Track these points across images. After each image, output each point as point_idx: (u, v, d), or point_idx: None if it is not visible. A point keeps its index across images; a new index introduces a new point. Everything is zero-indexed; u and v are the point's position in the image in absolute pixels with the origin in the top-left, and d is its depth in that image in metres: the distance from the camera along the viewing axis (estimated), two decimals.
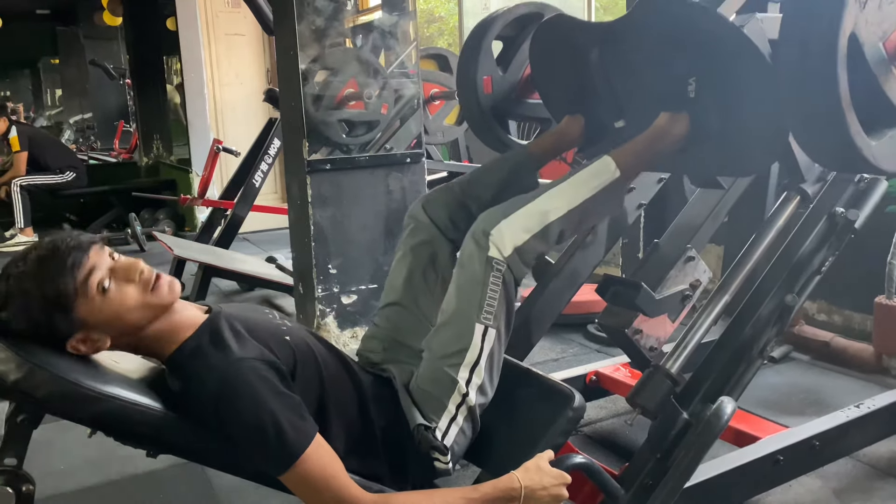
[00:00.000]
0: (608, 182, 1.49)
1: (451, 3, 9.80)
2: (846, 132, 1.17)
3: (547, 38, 1.80)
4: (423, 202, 1.68)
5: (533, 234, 1.41)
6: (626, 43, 1.61)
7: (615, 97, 1.70)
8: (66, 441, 2.29)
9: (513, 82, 2.18)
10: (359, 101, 2.91)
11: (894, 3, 1.21)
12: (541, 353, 2.94)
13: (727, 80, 1.43)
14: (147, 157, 7.64)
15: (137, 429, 1.22)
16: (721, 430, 1.43)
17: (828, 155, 1.32)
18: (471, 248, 1.42)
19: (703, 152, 1.56)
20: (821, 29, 1.15)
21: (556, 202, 1.45)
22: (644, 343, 1.78)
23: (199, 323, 1.30)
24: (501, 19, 2.13)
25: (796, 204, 1.58)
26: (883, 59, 1.22)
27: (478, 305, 1.38)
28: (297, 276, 3.14)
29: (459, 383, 1.38)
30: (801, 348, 2.82)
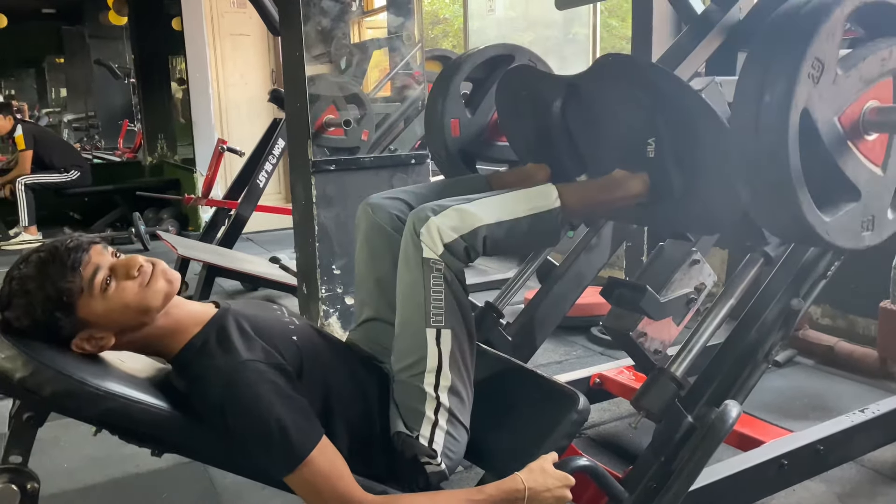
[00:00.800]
0: (544, 209, 1.44)
1: (455, 4, 9.81)
2: (798, 208, 1.15)
3: (513, 86, 1.79)
4: (369, 207, 1.60)
5: (460, 235, 1.35)
6: (588, 97, 1.60)
7: (577, 150, 1.69)
8: (70, 439, 2.30)
9: (482, 125, 2.15)
10: (338, 128, 2.88)
11: (850, 77, 1.19)
12: (544, 355, 2.93)
13: (686, 142, 1.41)
14: (151, 156, 7.66)
15: (142, 427, 1.22)
16: (726, 434, 1.42)
17: (781, 229, 1.30)
18: (406, 250, 1.38)
19: (665, 209, 1.54)
20: (772, 105, 1.12)
21: (488, 210, 1.39)
22: (648, 346, 1.77)
23: (205, 320, 1.30)
24: (470, 61, 2.11)
25: (760, 265, 1.56)
26: (838, 135, 1.20)
27: (423, 311, 1.35)
28: (300, 277, 3.14)
29: (428, 392, 1.36)
30: (805, 352, 2.82)
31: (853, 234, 1.26)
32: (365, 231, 1.60)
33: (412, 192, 1.65)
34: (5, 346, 1.15)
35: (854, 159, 1.23)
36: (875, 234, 1.29)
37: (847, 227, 1.24)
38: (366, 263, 1.60)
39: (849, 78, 1.19)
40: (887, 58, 1.24)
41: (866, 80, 1.22)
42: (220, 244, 4.61)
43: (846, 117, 1.21)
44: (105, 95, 10.80)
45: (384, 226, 1.56)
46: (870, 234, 1.28)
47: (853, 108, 1.21)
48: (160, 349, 1.30)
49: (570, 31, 5.44)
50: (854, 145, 1.23)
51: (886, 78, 1.25)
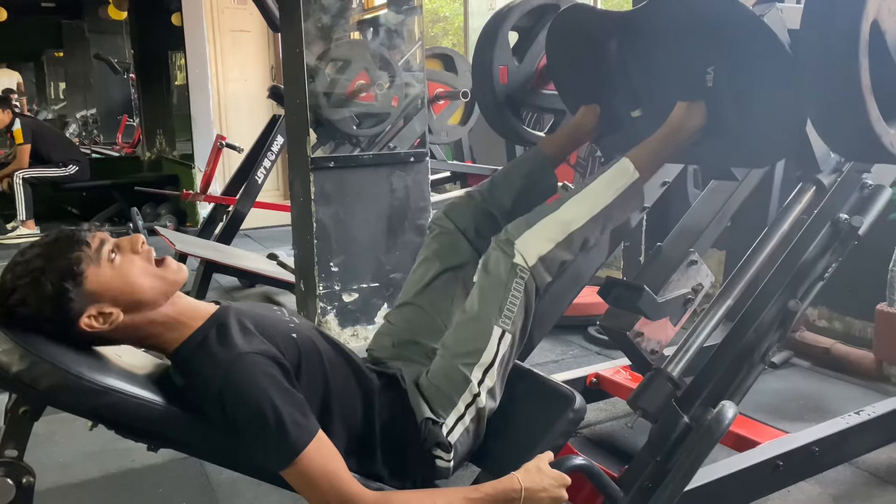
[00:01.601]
0: (628, 184, 1.51)
1: (456, 2, 9.80)
2: (866, 119, 1.17)
3: (564, 28, 1.80)
4: (445, 209, 1.71)
5: (557, 244, 1.43)
6: (644, 32, 1.61)
7: (632, 87, 1.70)
8: (66, 434, 2.30)
9: (528, 73, 2.18)
10: (369, 94, 2.91)
11: None
12: (541, 354, 2.94)
13: (746, 70, 1.43)
14: (150, 151, 7.65)
15: (139, 423, 1.22)
16: (721, 435, 1.42)
17: (846, 142, 1.31)
18: (496, 255, 1.44)
19: (718, 143, 1.56)
20: (843, 15, 1.14)
21: (578, 211, 1.47)
22: (645, 346, 1.78)
23: (206, 316, 1.30)
24: (518, 10, 2.13)
25: (812, 194, 1.57)
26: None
27: (498, 308, 1.40)
28: (298, 274, 3.14)
29: (472, 382, 1.40)
30: (801, 354, 2.82)
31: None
32: (438, 231, 1.70)
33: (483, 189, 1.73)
34: (2, 339, 1.14)
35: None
36: None
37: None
38: (427, 257, 1.68)
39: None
40: None
41: None
42: (218, 240, 4.61)
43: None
44: (104, 90, 10.79)
45: (458, 232, 1.67)
46: None
47: None
48: (160, 342, 1.30)
49: None
50: None
51: None
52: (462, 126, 4.63)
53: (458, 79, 4.40)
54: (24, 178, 5.96)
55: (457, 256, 1.64)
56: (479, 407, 1.41)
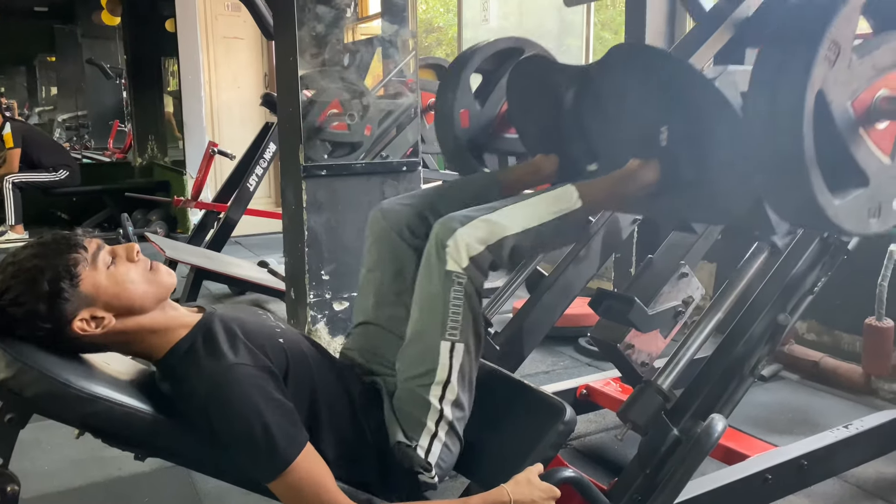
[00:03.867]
0: (567, 210, 1.46)
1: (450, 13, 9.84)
2: (809, 190, 1.17)
3: (523, 77, 1.80)
4: (381, 212, 1.62)
5: (487, 246, 1.37)
6: (600, 87, 1.61)
7: (588, 140, 1.70)
8: (52, 441, 2.28)
9: (490, 116, 2.16)
10: (342, 122, 2.88)
11: (864, 63, 1.21)
12: (532, 365, 2.93)
13: (698, 132, 1.42)
14: (141, 157, 7.62)
15: (126, 431, 1.21)
16: (711, 448, 1.43)
17: (791, 211, 1.31)
18: (430, 261, 1.39)
19: (674, 198, 1.55)
20: (788, 85, 1.14)
21: (514, 219, 1.41)
22: (636, 358, 1.78)
23: (192, 323, 1.30)
24: (481, 53, 2.12)
25: (766, 255, 1.57)
26: (851, 120, 1.21)
27: (441, 323, 1.36)
28: (289, 281, 3.13)
29: (433, 403, 1.37)
30: (790, 367, 2.83)
31: (860, 220, 1.28)
32: (374, 236, 1.61)
33: (424, 198, 1.65)
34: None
35: (864, 146, 1.25)
36: (881, 221, 1.31)
37: (855, 212, 1.26)
38: (370, 267, 1.62)
39: (863, 65, 1.22)
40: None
41: (879, 68, 1.24)
42: (209, 247, 4.59)
43: (859, 103, 1.23)
44: (96, 95, 10.75)
45: (392, 232, 1.58)
46: (876, 220, 1.30)
47: (865, 95, 1.24)
48: (148, 348, 1.29)
49: (563, 42, 5.47)
50: (865, 132, 1.25)
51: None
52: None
53: None
54: (13, 182, 5.92)
55: (398, 261, 1.56)
56: (449, 420, 1.38)
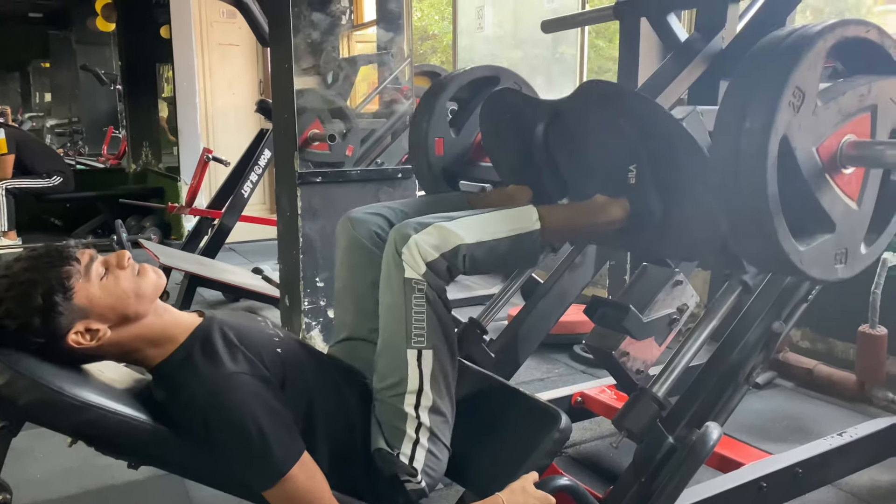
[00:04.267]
0: (525, 231, 1.44)
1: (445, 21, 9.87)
2: (773, 236, 1.16)
3: (496, 110, 1.80)
4: (349, 221, 1.60)
5: (441, 253, 1.35)
6: (571, 123, 1.61)
7: (559, 174, 1.71)
8: (45, 449, 2.26)
9: (466, 145, 2.16)
10: (322, 144, 2.88)
11: (829, 109, 1.20)
12: (527, 372, 2.93)
13: (666, 171, 1.42)
14: (135, 163, 7.60)
15: (120, 439, 1.21)
16: (706, 456, 1.43)
17: (756, 256, 1.30)
18: (388, 269, 1.38)
19: (645, 235, 1.54)
20: (752, 130, 1.13)
21: (469, 229, 1.39)
22: (631, 366, 1.77)
23: (191, 329, 1.29)
24: (456, 82, 2.12)
25: (738, 293, 1.57)
26: (816, 166, 1.21)
27: (404, 333, 1.35)
28: (283, 288, 3.13)
29: (409, 412, 1.36)
30: (785, 375, 2.83)
31: (826, 266, 1.27)
32: (344, 246, 1.60)
33: (393, 208, 1.64)
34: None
35: (831, 191, 1.25)
36: (847, 267, 1.31)
37: (821, 258, 1.25)
38: (344, 280, 1.60)
39: (828, 110, 1.21)
40: (866, 94, 1.25)
41: (845, 113, 1.24)
42: (203, 254, 4.58)
43: (824, 149, 1.22)
44: (90, 101, 10.73)
45: (364, 241, 1.56)
46: (842, 266, 1.30)
47: (831, 141, 1.23)
48: (144, 357, 1.28)
49: (557, 50, 5.49)
50: (831, 178, 1.24)
51: (864, 113, 1.26)
52: None
53: None
54: (6, 188, 5.90)
55: (372, 269, 1.50)
56: (428, 427, 1.37)
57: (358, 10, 5.54)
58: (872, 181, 1.32)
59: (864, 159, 1.25)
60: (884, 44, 1.27)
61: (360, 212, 1.63)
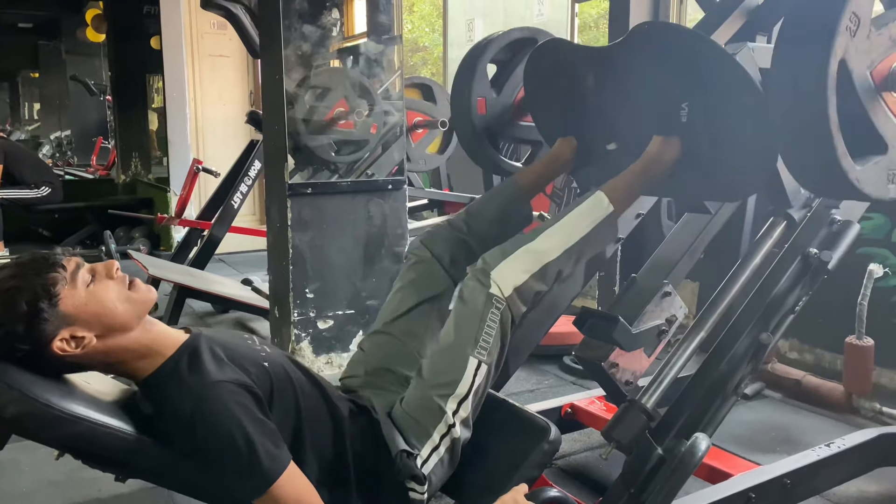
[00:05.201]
0: (603, 217, 1.51)
1: (435, 33, 9.91)
2: (833, 154, 1.20)
3: (542, 62, 1.83)
4: (423, 238, 1.70)
5: (531, 275, 1.42)
6: (620, 67, 1.64)
7: (608, 120, 1.73)
8: (31, 461, 2.24)
9: (506, 105, 2.21)
10: (348, 122, 2.93)
11: (883, 33, 1.26)
12: (517, 383, 2.93)
13: (719, 106, 1.47)
14: (125, 174, 7.58)
15: (108, 452, 1.20)
16: (695, 467, 1.43)
17: (814, 177, 1.35)
18: (473, 285, 1.43)
19: (692, 177, 1.59)
20: (812, 55, 1.19)
21: (553, 242, 1.46)
22: (620, 377, 1.78)
23: (178, 344, 1.29)
24: (496, 43, 2.16)
25: (783, 229, 1.61)
26: (870, 87, 1.26)
27: (474, 339, 1.39)
28: (273, 300, 3.12)
29: (447, 413, 1.39)
30: (773, 386, 2.84)
31: (881, 185, 1.31)
32: (416, 260, 1.67)
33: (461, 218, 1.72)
34: None
35: (883, 113, 1.29)
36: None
37: (876, 177, 1.29)
38: (403, 286, 1.66)
39: (881, 36, 1.26)
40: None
41: (895, 39, 1.28)
42: (192, 265, 4.56)
43: (877, 73, 1.27)
44: (80, 112, 10.70)
45: (435, 262, 1.65)
46: (895, 187, 1.33)
47: (884, 65, 1.28)
48: (131, 369, 1.28)
49: None
50: (884, 101, 1.28)
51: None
52: (440, 155, 4.67)
53: (437, 108, 4.44)
54: None
55: (433, 286, 1.63)
56: (454, 437, 1.40)
57: (349, 21, 5.55)
58: None
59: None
60: None
61: (434, 228, 1.72)
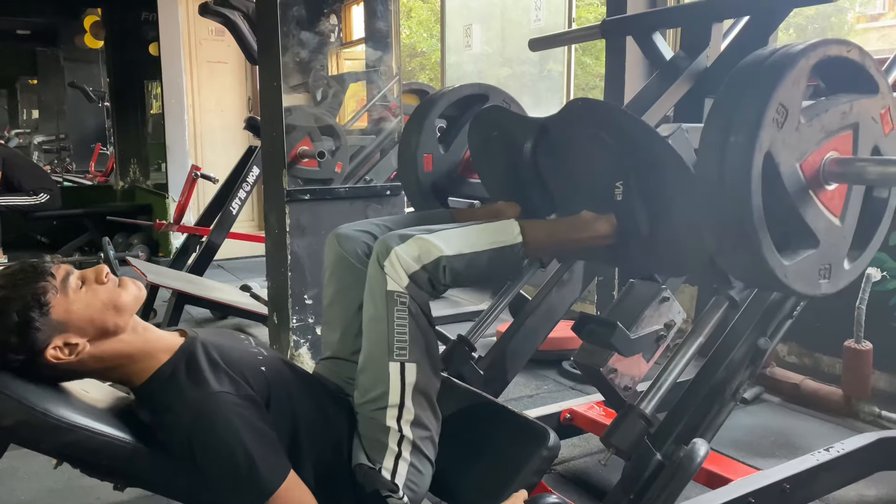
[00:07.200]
0: (505, 244, 1.44)
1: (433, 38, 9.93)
2: (758, 251, 1.17)
3: (484, 127, 1.82)
4: (336, 238, 1.61)
5: (422, 265, 1.35)
6: (558, 140, 1.62)
7: (548, 191, 1.72)
8: (29, 470, 2.23)
9: (454, 161, 2.18)
10: (312, 160, 2.90)
11: (812, 126, 1.23)
12: (516, 389, 2.93)
13: (652, 188, 1.44)
14: (123, 180, 7.58)
15: (105, 461, 1.20)
16: (694, 472, 1.43)
17: (741, 271, 1.32)
18: (371, 282, 1.38)
19: (633, 251, 1.56)
20: (737, 145, 1.15)
21: (450, 242, 1.39)
22: (618, 382, 1.78)
23: (174, 348, 1.29)
24: (445, 99, 2.15)
25: (725, 308, 1.58)
26: (800, 181, 1.23)
27: (387, 345, 1.35)
28: (271, 306, 3.12)
29: (391, 426, 1.35)
30: (772, 390, 2.84)
31: (811, 281, 1.28)
32: (332, 263, 1.60)
33: (380, 225, 1.65)
34: None
35: (814, 207, 1.26)
36: (831, 282, 1.32)
37: (805, 273, 1.27)
38: (331, 298, 1.60)
39: (811, 127, 1.22)
40: (847, 112, 1.27)
41: (827, 130, 1.25)
42: (191, 271, 4.56)
43: (808, 165, 1.24)
44: (78, 118, 10.70)
45: (351, 259, 1.56)
46: (826, 282, 1.31)
47: (814, 157, 1.24)
48: (127, 374, 1.28)
49: (544, 67, 5.53)
50: (814, 194, 1.26)
51: (846, 131, 1.28)
52: None
53: None
54: None
55: (358, 289, 1.50)
56: (411, 440, 1.36)
57: (346, 28, 5.57)
58: (855, 198, 1.33)
59: (847, 176, 1.27)
60: (864, 63, 1.29)
61: (348, 228, 1.63)
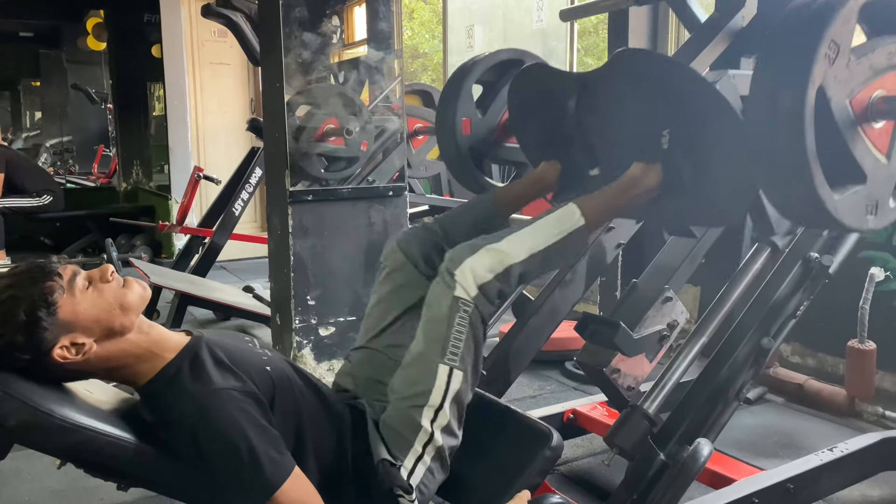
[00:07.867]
0: (572, 230, 1.48)
1: (435, 39, 9.93)
2: (811, 185, 1.19)
3: (525, 85, 1.83)
4: (397, 241, 1.66)
5: (496, 275, 1.39)
6: (602, 93, 1.63)
7: (590, 146, 1.72)
8: (33, 470, 2.24)
9: (491, 126, 2.21)
10: (339, 137, 2.93)
11: (861, 64, 1.24)
12: (518, 389, 2.93)
13: (699, 134, 1.45)
14: (126, 182, 7.59)
15: (110, 461, 1.20)
16: (697, 473, 1.43)
17: (793, 208, 1.33)
18: (438, 289, 1.41)
19: (676, 203, 1.57)
20: (790, 83, 1.17)
21: (519, 245, 1.43)
22: (622, 382, 1.78)
23: (179, 348, 1.29)
24: (482, 64, 2.16)
25: (767, 255, 1.59)
26: (849, 117, 1.25)
27: (442, 346, 1.37)
28: (274, 307, 3.12)
29: (424, 425, 1.36)
30: (775, 390, 2.84)
31: (859, 216, 1.30)
32: (393, 268, 1.64)
33: (433, 229, 1.69)
34: None
35: (862, 143, 1.28)
36: (878, 218, 1.33)
37: (854, 207, 1.28)
38: (383, 296, 1.63)
39: (860, 65, 1.25)
40: (894, 52, 1.29)
41: (875, 69, 1.27)
42: (194, 272, 4.56)
43: (857, 102, 1.26)
44: (81, 120, 10.72)
45: (410, 265, 1.61)
46: (873, 217, 1.32)
47: (863, 95, 1.27)
48: (132, 374, 1.28)
49: None
50: (863, 131, 1.28)
51: (893, 70, 1.30)
52: (441, 161, 4.67)
53: None
54: None
55: (411, 295, 1.58)
56: (438, 446, 1.37)
57: (349, 29, 5.57)
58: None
59: (894, 113, 1.29)
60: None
61: (407, 234, 1.69)
